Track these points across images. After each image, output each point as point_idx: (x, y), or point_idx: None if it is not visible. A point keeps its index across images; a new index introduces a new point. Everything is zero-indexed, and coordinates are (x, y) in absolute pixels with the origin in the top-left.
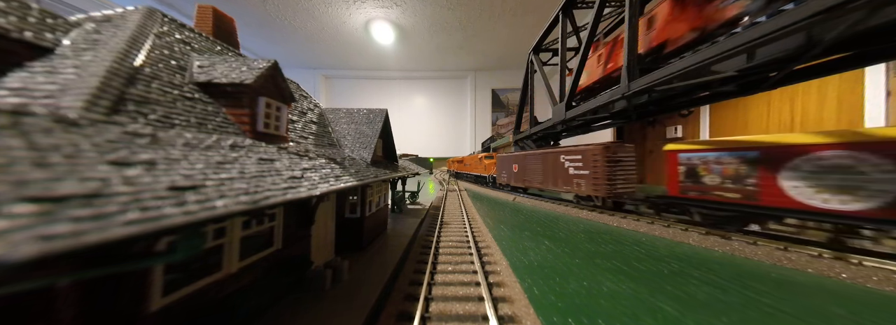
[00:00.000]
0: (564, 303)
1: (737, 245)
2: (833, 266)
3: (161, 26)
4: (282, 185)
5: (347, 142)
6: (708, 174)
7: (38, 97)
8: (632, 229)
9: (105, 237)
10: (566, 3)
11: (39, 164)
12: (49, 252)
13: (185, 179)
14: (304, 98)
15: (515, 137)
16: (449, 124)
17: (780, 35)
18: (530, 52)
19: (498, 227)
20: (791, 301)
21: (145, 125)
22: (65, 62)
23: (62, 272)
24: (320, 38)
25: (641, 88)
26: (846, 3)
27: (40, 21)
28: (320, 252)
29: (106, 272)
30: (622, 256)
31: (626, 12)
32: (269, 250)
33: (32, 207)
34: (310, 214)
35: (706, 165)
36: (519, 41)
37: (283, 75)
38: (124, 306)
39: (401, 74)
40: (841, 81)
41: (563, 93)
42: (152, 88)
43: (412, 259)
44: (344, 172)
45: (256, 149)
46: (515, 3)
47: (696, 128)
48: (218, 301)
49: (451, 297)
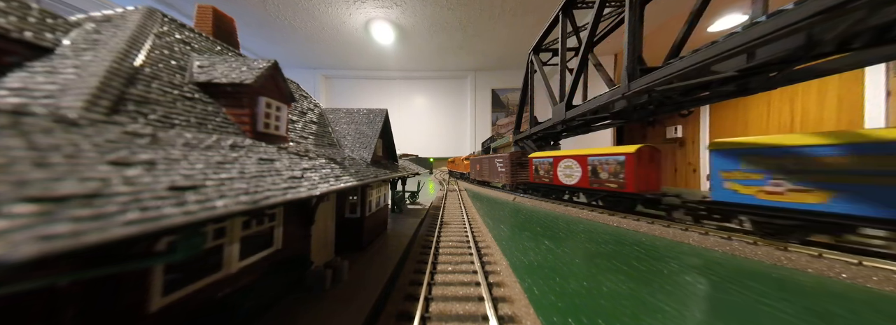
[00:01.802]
0: (564, 303)
1: (737, 245)
2: (833, 266)
3: (161, 26)
4: (282, 185)
5: (347, 142)
6: (541, 170)
7: (38, 97)
8: (632, 229)
9: (105, 237)
10: (566, 3)
11: (39, 164)
12: (49, 252)
13: (185, 179)
14: (304, 98)
15: (515, 137)
16: (449, 124)
17: (780, 35)
18: (530, 52)
19: (498, 227)
20: (791, 301)
21: (145, 125)
22: (65, 62)
23: (62, 271)
24: (320, 38)
25: (641, 88)
26: (846, 3)
27: (40, 21)
28: (320, 252)
29: (106, 272)
30: (622, 256)
31: (626, 12)
32: (269, 250)
33: (32, 207)
34: (310, 214)
35: (541, 166)
36: (519, 41)
37: (283, 75)
38: (124, 306)
39: (401, 74)
40: (841, 81)
41: (563, 93)
42: (152, 88)
43: (412, 259)
44: (344, 172)
45: (256, 149)
46: (515, 3)
47: (696, 128)
48: (218, 301)
49: (451, 297)
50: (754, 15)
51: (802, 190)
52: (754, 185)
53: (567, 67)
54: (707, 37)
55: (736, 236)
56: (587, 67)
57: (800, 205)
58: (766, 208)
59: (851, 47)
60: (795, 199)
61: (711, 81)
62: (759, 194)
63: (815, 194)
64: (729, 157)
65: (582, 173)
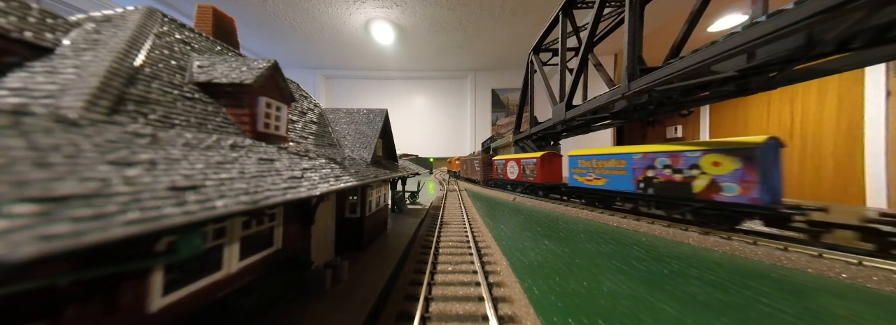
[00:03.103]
0: (564, 303)
1: (737, 245)
2: (833, 266)
3: (161, 26)
4: (282, 185)
5: (347, 142)
6: (499, 169)
7: (38, 97)
8: (632, 229)
9: (105, 237)
10: (566, 3)
11: (39, 164)
12: (49, 252)
13: (185, 179)
14: (304, 98)
15: (515, 137)
16: (449, 124)
17: (780, 35)
18: (530, 52)
19: (498, 227)
20: (791, 301)
21: (145, 125)
22: (65, 62)
23: (62, 271)
24: (320, 38)
25: (641, 88)
26: (846, 3)
27: (40, 21)
28: (320, 252)
29: (106, 272)
30: (622, 256)
31: (627, 12)
32: (270, 250)
33: (32, 207)
34: (310, 214)
35: (499, 166)
36: (519, 41)
37: (283, 75)
38: (124, 306)
39: (401, 74)
40: (841, 80)
41: (563, 93)
42: (152, 88)
43: (412, 259)
44: (344, 172)
45: (256, 149)
46: (515, 3)
47: (696, 128)
48: (218, 301)
49: (451, 297)
50: (754, 15)
51: (596, 179)
52: (582, 176)
53: (567, 67)
54: (707, 37)
55: (736, 237)
56: (587, 67)
57: (597, 186)
58: (588, 189)
59: (851, 47)
60: (595, 183)
61: (711, 81)
62: (585, 181)
63: (601, 180)
64: (573, 160)
65: (518, 171)
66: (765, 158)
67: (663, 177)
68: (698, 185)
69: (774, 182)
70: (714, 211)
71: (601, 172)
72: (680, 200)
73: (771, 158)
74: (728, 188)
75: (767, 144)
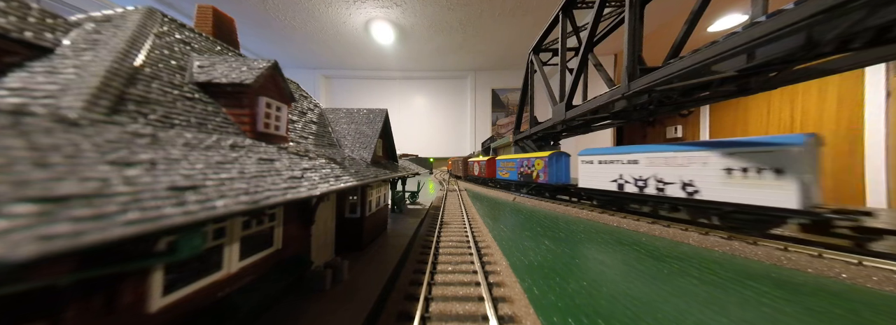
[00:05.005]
0: (564, 303)
1: (737, 245)
2: (833, 266)
3: (161, 26)
4: (282, 185)
5: (347, 142)
6: (475, 168)
7: (38, 97)
8: (632, 229)
9: (105, 237)
10: (566, 3)
11: (39, 164)
12: (49, 252)
13: (185, 179)
14: (304, 98)
15: (515, 137)
16: (449, 124)
17: (780, 35)
18: (530, 52)
19: (498, 227)
20: (791, 301)
21: (145, 125)
22: (65, 62)
23: (62, 271)
24: (320, 38)
25: (641, 88)
26: (846, 3)
27: (40, 21)
28: (320, 252)
29: (106, 272)
30: (622, 256)
31: (626, 12)
32: (270, 250)
33: (32, 207)
34: (310, 214)
35: (474, 165)
36: (519, 41)
37: (283, 75)
38: (124, 306)
39: (401, 74)
40: (841, 81)
41: (563, 93)
42: (152, 88)
43: (412, 259)
44: (344, 172)
45: (256, 149)
46: (515, 3)
47: (696, 128)
48: (218, 301)
49: (451, 297)
50: (754, 15)
51: (507, 172)
52: (508, 171)
53: (567, 67)
54: (707, 37)
55: (736, 237)
56: (587, 67)
57: (508, 178)
58: (512, 181)
59: (851, 47)
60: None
61: (711, 81)
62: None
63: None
64: (498, 162)
65: (479, 169)
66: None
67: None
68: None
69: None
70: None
71: (510, 169)
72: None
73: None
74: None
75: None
